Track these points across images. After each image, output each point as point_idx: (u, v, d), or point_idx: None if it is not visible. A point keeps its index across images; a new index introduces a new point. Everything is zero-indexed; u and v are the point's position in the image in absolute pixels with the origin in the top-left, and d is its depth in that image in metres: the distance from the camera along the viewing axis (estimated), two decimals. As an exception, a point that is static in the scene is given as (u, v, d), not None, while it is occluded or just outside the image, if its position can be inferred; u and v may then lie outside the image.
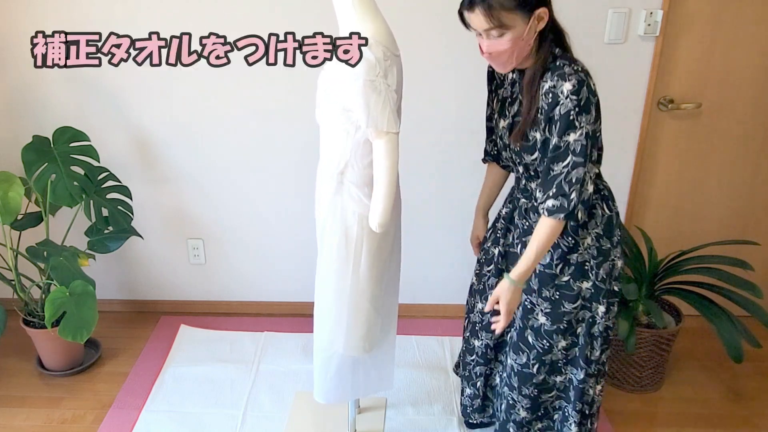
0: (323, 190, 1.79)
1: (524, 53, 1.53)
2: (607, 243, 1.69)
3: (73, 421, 2.31)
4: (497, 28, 1.47)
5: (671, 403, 2.40)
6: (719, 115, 2.50)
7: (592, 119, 1.51)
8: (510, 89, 1.70)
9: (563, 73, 1.49)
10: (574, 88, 1.47)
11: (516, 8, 1.44)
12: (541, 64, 1.53)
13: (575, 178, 1.51)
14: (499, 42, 1.49)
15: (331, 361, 1.95)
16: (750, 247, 2.42)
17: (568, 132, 1.49)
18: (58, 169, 2.31)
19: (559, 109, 1.48)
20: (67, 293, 2.24)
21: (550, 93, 1.50)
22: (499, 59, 1.54)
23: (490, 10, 1.44)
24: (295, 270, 2.83)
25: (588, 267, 1.68)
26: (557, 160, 1.52)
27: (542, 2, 1.48)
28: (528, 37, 1.49)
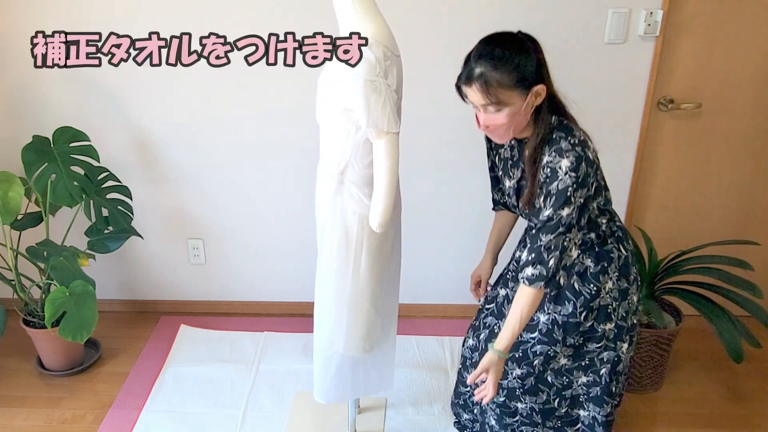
0: (323, 190, 1.79)
1: (521, 126, 1.54)
2: (625, 282, 1.70)
3: (73, 421, 2.31)
4: (494, 105, 1.47)
5: (671, 403, 2.40)
6: (719, 115, 2.50)
7: (587, 191, 1.51)
8: (510, 152, 1.70)
9: (560, 148, 1.49)
10: (573, 165, 1.47)
11: (514, 86, 1.45)
12: (540, 137, 1.53)
13: (554, 245, 1.52)
14: (497, 117, 1.50)
15: (331, 361, 1.95)
16: (750, 247, 2.42)
17: (564, 207, 1.49)
18: (58, 169, 2.31)
19: (557, 185, 1.49)
20: (67, 293, 2.24)
21: (548, 168, 1.51)
22: (496, 132, 1.55)
23: (487, 87, 1.45)
24: (295, 270, 2.83)
25: (611, 309, 1.68)
26: (547, 232, 1.52)
27: (540, 79, 1.48)
28: (525, 112, 1.50)
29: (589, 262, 1.66)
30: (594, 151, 1.53)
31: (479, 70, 1.45)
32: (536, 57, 1.48)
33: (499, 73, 1.44)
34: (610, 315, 1.69)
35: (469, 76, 1.47)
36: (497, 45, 1.47)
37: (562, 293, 1.67)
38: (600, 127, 2.51)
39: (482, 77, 1.45)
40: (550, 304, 1.69)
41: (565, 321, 1.68)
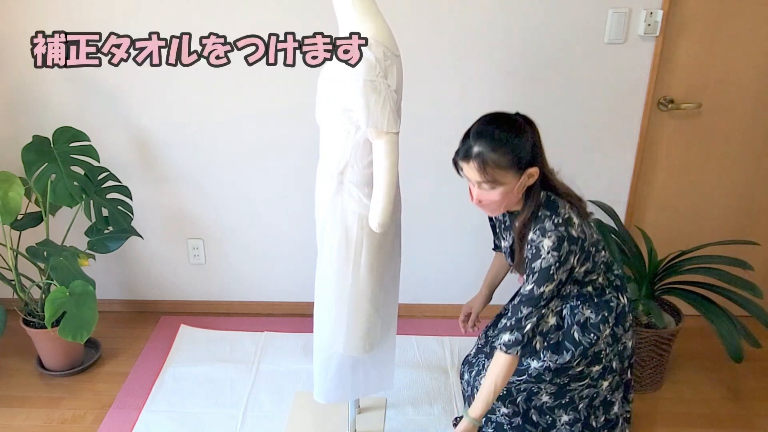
0: (323, 190, 1.79)
1: (512, 203, 1.61)
2: (621, 329, 1.73)
3: (73, 421, 2.31)
4: (489, 183, 1.53)
5: (671, 403, 2.40)
6: (719, 115, 2.49)
7: (570, 266, 1.56)
8: (502, 216, 1.77)
9: (544, 227, 1.55)
10: (554, 245, 1.52)
11: (509, 167, 1.51)
12: (528, 214, 1.59)
13: (535, 315, 1.58)
14: (490, 194, 1.56)
15: (331, 361, 1.95)
16: (750, 247, 2.42)
17: (546, 284, 1.55)
18: (58, 169, 2.31)
19: (540, 263, 1.54)
20: (67, 293, 2.24)
21: (532, 245, 1.56)
22: (488, 207, 1.62)
23: (484, 166, 1.51)
24: (295, 270, 2.83)
25: (603, 354, 1.71)
26: (528, 305, 1.58)
27: (534, 162, 1.54)
28: (518, 191, 1.57)
29: (589, 312, 1.69)
30: (579, 225, 1.58)
31: (477, 149, 1.51)
32: (532, 140, 1.54)
33: (497, 154, 1.50)
34: (601, 359, 1.72)
35: (467, 153, 1.53)
36: (497, 126, 1.53)
37: (561, 343, 1.70)
38: (600, 127, 2.52)
39: (480, 156, 1.51)
40: (547, 353, 1.70)
41: (558, 367, 1.71)
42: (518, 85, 2.45)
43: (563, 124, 2.51)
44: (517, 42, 2.38)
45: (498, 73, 2.43)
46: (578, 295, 1.69)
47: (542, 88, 2.45)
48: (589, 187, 2.60)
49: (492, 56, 2.41)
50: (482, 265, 2.47)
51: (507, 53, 2.40)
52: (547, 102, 2.47)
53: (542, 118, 2.49)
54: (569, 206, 1.60)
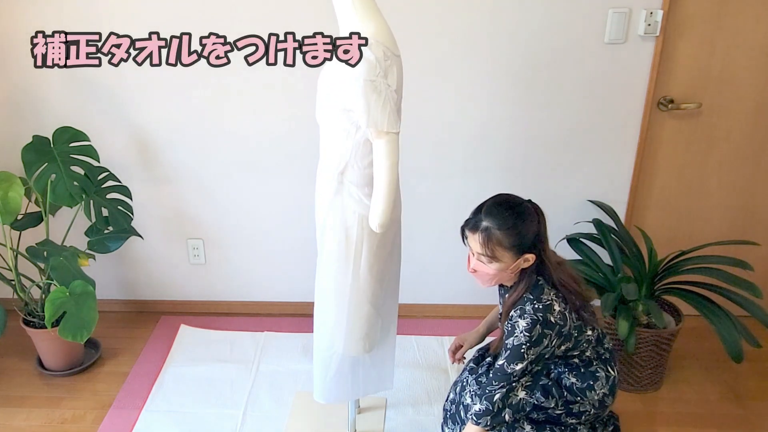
0: (323, 191, 1.79)
1: (504, 280, 1.72)
2: (610, 399, 1.80)
3: (73, 421, 2.31)
4: (488, 257, 1.65)
5: (671, 403, 2.40)
6: (719, 115, 2.49)
7: (541, 350, 1.67)
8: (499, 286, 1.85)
9: (524, 309, 1.66)
10: (528, 326, 1.64)
11: (510, 248, 1.63)
12: (520, 294, 1.69)
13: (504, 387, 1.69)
14: (486, 267, 1.68)
15: (331, 361, 1.95)
16: (750, 247, 2.42)
17: (516, 362, 1.66)
18: (58, 169, 2.31)
19: (513, 341, 1.66)
20: (67, 293, 2.24)
21: (509, 323, 1.68)
22: (481, 278, 1.73)
23: (488, 240, 1.63)
24: (295, 270, 2.83)
25: (586, 413, 1.79)
26: (499, 380, 1.68)
27: (532, 249, 1.65)
28: (511, 271, 1.68)
29: (574, 379, 1.77)
30: (560, 312, 1.67)
31: (486, 224, 1.64)
32: (537, 228, 1.64)
33: (502, 234, 1.62)
34: (581, 415, 1.79)
35: (476, 225, 1.66)
36: (508, 209, 1.65)
37: (548, 388, 1.77)
38: (600, 127, 2.52)
39: (486, 231, 1.63)
40: (537, 393, 1.77)
41: (538, 405, 1.77)
42: (518, 85, 2.45)
43: (563, 123, 2.51)
44: (517, 42, 2.38)
45: (498, 73, 2.43)
46: (565, 364, 1.78)
47: (542, 88, 2.45)
48: (589, 187, 2.62)
49: (492, 56, 2.41)
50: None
51: (507, 53, 2.40)
52: (547, 102, 2.47)
53: (542, 117, 2.51)
54: (554, 293, 1.69)
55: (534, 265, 1.68)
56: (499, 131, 2.53)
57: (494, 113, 2.50)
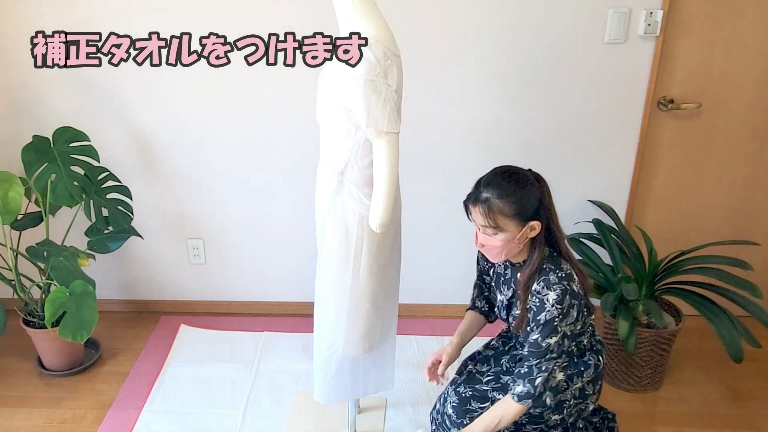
0: (323, 190, 1.79)
1: (513, 252, 1.67)
2: (591, 389, 1.79)
3: (73, 421, 2.31)
4: (492, 228, 1.62)
5: (671, 403, 2.40)
6: (719, 115, 2.49)
7: (572, 319, 1.64)
8: (503, 269, 1.82)
9: (549, 280, 1.63)
10: (558, 297, 1.61)
11: (512, 216, 1.60)
12: (534, 267, 1.66)
13: (544, 368, 1.64)
14: (492, 239, 1.64)
15: (331, 361, 1.95)
16: (750, 247, 2.42)
17: (551, 336, 1.62)
18: (58, 169, 2.31)
19: (545, 315, 1.62)
20: (67, 293, 2.24)
21: (537, 297, 1.64)
22: (490, 252, 1.69)
23: (489, 211, 1.60)
24: (295, 270, 2.83)
25: (567, 405, 1.77)
26: (536, 356, 1.64)
27: (537, 216, 1.62)
28: (519, 241, 1.64)
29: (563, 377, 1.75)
30: (578, 283, 1.66)
31: (485, 195, 1.61)
32: (539, 195, 1.62)
33: (502, 203, 1.59)
34: (563, 409, 1.77)
35: (476, 198, 1.63)
36: (506, 178, 1.63)
37: None
38: (600, 127, 2.52)
39: (487, 202, 1.61)
40: None
41: None
42: (518, 85, 2.45)
43: (563, 123, 2.51)
44: (517, 42, 2.38)
45: (498, 73, 2.43)
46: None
47: (542, 88, 2.45)
48: (589, 187, 2.62)
49: (492, 56, 2.41)
50: (482, 265, 2.47)
51: (507, 53, 2.40)
52: (547, 102, 2.47)
53: (542, 117, 2.51)
54: (569, 264, 1.68)
55: (542, 234, 1.64)
56: (499, 131, 2.53)
57: (494, 113, 2.50)
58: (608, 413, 2.04)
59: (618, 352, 2.39)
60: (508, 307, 1.81)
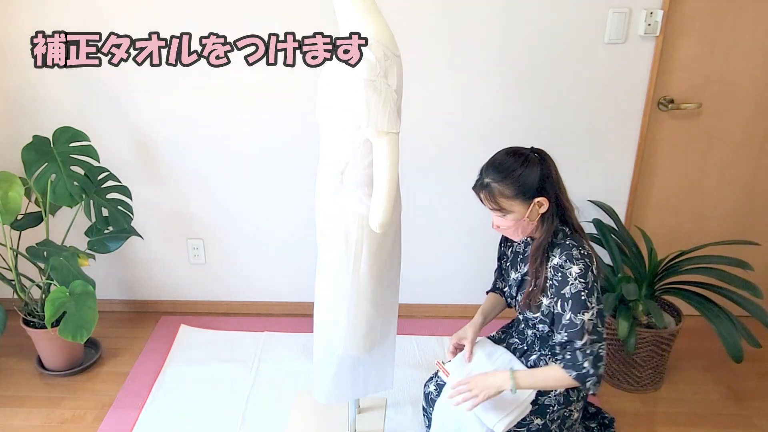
0: (323, 190, 1.79)
1: (529, 229, 1.68)
2: (575, 395, 1.78)
3: (73, 421, 2.31)
4: (498, 211, 1.65)
5: (671, 403, 2.40)
6: (719, 115, 2.49)
7: (597, 301, 1.62)
8: (522, 246, 1.81)
9: (571, 254, 1.62)
10: (582, 272, 1.60)
11: (514, 196, 1.62)
12: (542, 240, 1.66)
13: (588, 351, 1.60)
14: (502, 220, 1.67)
15: (331, 361, 1.95)
16: (750, 247, 2.42)
17: (583, 311, 1.60)
18: (58, 169, 2.31)
19: (570, 289, 1.60)
20: (67, 293, 2.24)
21: (559, 271, 1.63)
22: (506, 232, 1.71)
23: (491, 195, 1.63)
24: (295, 270, 2.83)
25: (550, 410, 1.76)
26: (576, 337, 1.61)
27: (542, 192, 1.62)
28: (530, 219, 1.65)
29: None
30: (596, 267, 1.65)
31: (486, 180, 1.64)
32: (541, 172, 1.61)
33: (501, 185, 1.61)
34: (546, 413, 1.75)
35: (480, 184, 1.66)
36: (504, 159, 1.65)
37: None
38: (600, 127, 2.52)
39: (487, 187, 1.63)
40: None
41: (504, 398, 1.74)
42: (518, 85, 2.45)
43: (563, 124, 2.51)
44: (517, 42, 2.38)
45: (498, 73, 2.43)
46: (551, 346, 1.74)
47: (542, 88, 2.45)
48: (589, 187, 2.62)
49: (492, 56, 2.41)
50: (482, 265, 2.48)
51: (507, 53, 2.40)
52: (547, 102, 2.47)
53: (542, 117, 2.51)
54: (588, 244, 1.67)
55: (552, 208, 1.64)
56: (499, 131, 2.53)
57: (494, 113, 2.50)
58: (606, 418, 2.03)
59: (618, 352, 2.39)
60: (521, 283, 1.79)
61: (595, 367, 1.59)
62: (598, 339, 1.60)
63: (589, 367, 1.59)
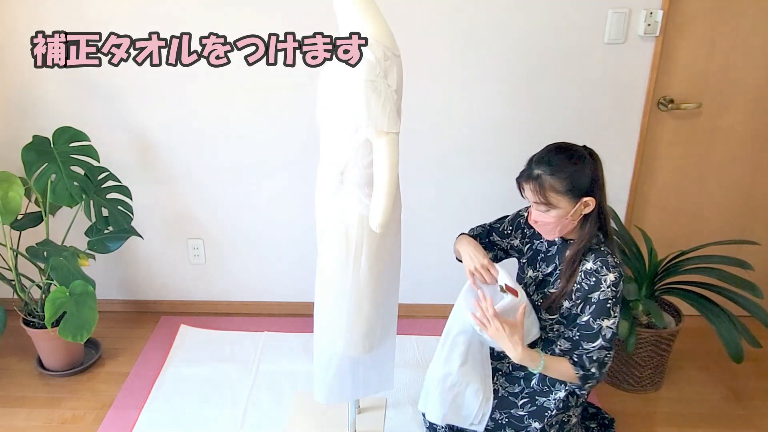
0: (323, 191, 1.79)
1: (567, 229, 1.65)
2: (573, 400, 1.78)
3: (73, 421, 2.31)
4: (544, 205, 1.62)
5: (671, 403, 2.40)
6: (719, 115, 2.49)
7: (619, 311, 1.61)
8: (546, 245, 1.78)
9: (607, 262, 1.60)
10: (616, 280, 1.59)
11: (564, 193, 1.60)
12: (584, 244, 1.63)
13: (596, 356, 1.60)
14: (545, 216, 1.64)
15: (331, 361, 1.95)
16: (750, 247, 2.42)
17: (603, 318, 1.58)
18: (58, 169, 2.31)
19: (599, 295, 1.59)
20: (67, 293, 2.24)
21: (593, 276, 1.60)
22: (544, 229, 1.69)
23: (540, 188, 1.60)
24: (295, 270, 2.83)
25: (548, 414, 1.75)
26: (588, 340, 1.61)
27: (590, 192, 1.59)
28: (572, 218, 1.61)
29: None
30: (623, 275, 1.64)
31: (537, 172, 1.61)
32: (592, 172, 1.60)
33: (553, 179, 1.59)
34: (544, 416, 1.75)
35: (528, 175, 1.63)
36: (557, 154, 1.62)
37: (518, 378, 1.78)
38: (600, 127, 2.52)
39: (538, 179, 1.61)
40: (501, 379, 1.80)
41: (504, 396, 1.77)
42: (518, 85, 2.45)
43: (563, 124, 2.51)
44: (517, 42, 2.38)
45: (498, 73, 2.43)
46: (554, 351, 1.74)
47: (542, 88, 2.45)
48: (589, 187, 2.61)
49: (492, 56, 2.41)
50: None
51: (507, 53, 2.40)
52: (547, 102, 2.47)
53: (542, 118, 2.51)
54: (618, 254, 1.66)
55: (596, 211, 1.62)
56: (498, 131, 2.53)
57: (494, 113, 2.50)
58: (606, 418, 2.03)
59: (618, 352, 2.39)
60: (541, 283, 1.77)
61: (600, 372, 1.61)
62: (609, 347, 1.61)
63: (595, 371, 1.60)
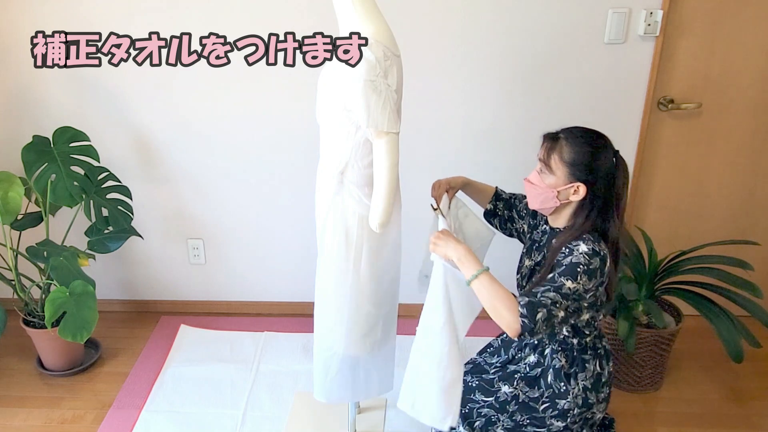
0: (323, 191, 1.79)
1: (548, 205, 1.65)
2: (594, 397, 1.74)
3: (73, 421, 2.31)
4: (543, 165, 1.62)
5: (671, 403, 2.40)
6: (719, 115, 2.49)
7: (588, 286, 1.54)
8: (542, 236, 1.78)
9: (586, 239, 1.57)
10: (589, 251, 1.54)
11: (566, 164, 1.59)
12: (572, 235, 1.60)
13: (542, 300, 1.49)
14: (538, 177, 1.64)
15: (331, 361, 1.95)
16: (750, 247, 2.42)
17: (568, 278, 1.51)
18: (58, 169, 2.31)
19: (571, 259, 1.54)
20: (67, 293, 2.24)
21: (567, 248, 1.58)
22: (530, 192, 1.68)
23: (551, 148, 1.62)
24: (295, 270, 2.83)
25: (570, 414, 1.73)
26: (545, 291, 1.50)
27: (585, 180, 1.58)
28: (559, 197, 1.62)
29: (565, 361, 1.72)
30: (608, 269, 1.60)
31: (560, 135, 1.63)
32: (606, 168, 1.58)
33: (566, 146, 1.60)
34: (567, 416, 1.73)
35: (553, 134, 1.65)
36: (588, 132, 1.63)
37: (537, 380, 1.74)
38: (600, 127, 2.51)
39: (555, 139, 1.62)
40: (521, 383, 1.75)
41: (525, 401, 1.73)
42: (518, 85, 2.45)
43: (563, 124, 2.49)
44: (517, 42, 2.38)
45: (498, 73, 2.43)
46: (563, 341, 1.73)
47: (542, 88, 2.45)
48: (589, 187, 2.61)
49: (492, 56, 2.41)
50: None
51: (507, 53, 2.40)
52: (547, 102, 2.47)
53: (542, 117, 2.51)
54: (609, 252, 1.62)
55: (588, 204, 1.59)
56: (498, 131, 2.53)
57: (494, 113, 2.50)
58: (606, 418, 2.03)
59: (618, 352, 2.39)
60: (531, 273, 1.76)
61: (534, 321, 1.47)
62: (558, 303, 1.49)
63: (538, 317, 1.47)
